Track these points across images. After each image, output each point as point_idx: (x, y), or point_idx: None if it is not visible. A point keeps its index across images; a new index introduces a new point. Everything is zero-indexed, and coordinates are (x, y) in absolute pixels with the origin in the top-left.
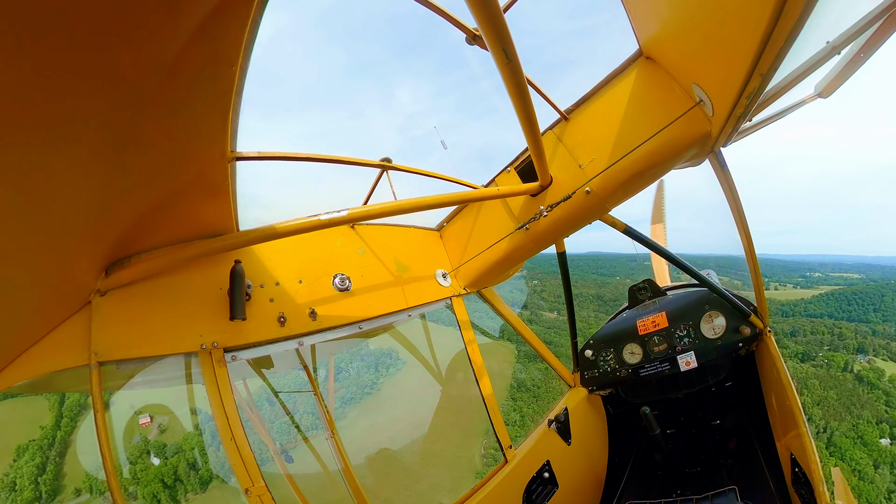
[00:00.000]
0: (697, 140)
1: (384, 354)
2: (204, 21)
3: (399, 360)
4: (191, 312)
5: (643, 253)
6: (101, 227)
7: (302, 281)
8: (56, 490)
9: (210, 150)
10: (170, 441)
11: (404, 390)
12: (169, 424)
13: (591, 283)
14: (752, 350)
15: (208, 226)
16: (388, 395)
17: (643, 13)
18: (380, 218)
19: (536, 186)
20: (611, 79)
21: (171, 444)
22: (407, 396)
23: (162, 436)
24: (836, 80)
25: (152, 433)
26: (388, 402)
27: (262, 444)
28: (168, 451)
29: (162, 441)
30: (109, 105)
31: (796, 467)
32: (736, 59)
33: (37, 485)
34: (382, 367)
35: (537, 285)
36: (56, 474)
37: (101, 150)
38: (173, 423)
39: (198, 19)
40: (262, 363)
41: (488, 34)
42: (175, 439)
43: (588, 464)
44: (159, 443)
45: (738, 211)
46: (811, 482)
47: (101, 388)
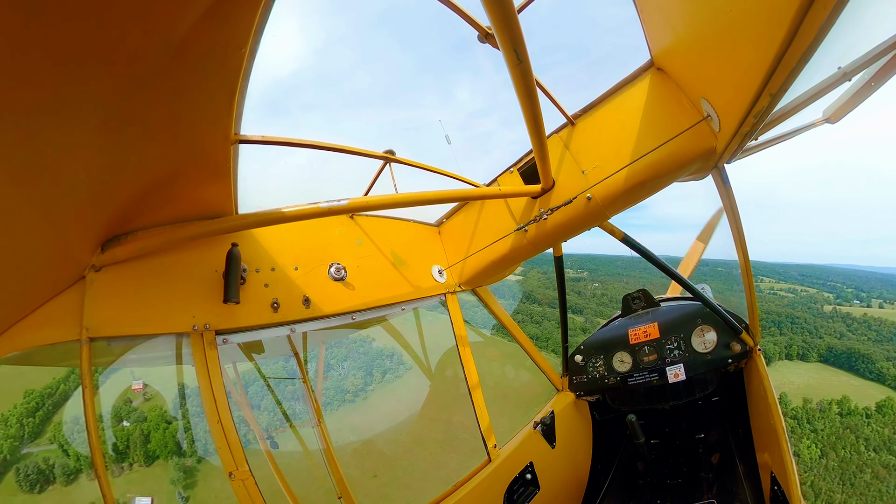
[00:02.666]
0: (702, 154)
1: (377, 347)
2: (215, 2)
3: (390, 353)
4: (185, 293)
5: (713, 259)
6: (99, 202)
7: (298, 268)
8: (38, 433)
9: (214, 131)
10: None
11: (393, 384)
12: (154, 395)
13: (651, 288)
14: (740, 367)
15: (207, 207)
16: (376, 389)
17: (657, 24)
18: (380, 210)
19: (538, 189)
20: (620, 87)
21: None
22: (395, 390)
23: (144, 404)
24: (844, 105)
25: (138, 400)
26: (376, 395)
27: (248, 428)
28: (135, 417)
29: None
30: (115, 81)
31: (775, 485)
32: (747, 77)
33: (22, 426)
34: (375, 360)
35: (597, 288)
36: (44, 419)
37: (104, 125)
38: (157, 398)
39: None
40: (252, 348)
41: (501, 34)
42: (152, 413)
43: (571, 468)
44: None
45: (737, 227)
46: (789, 501)
47: (91, 364)
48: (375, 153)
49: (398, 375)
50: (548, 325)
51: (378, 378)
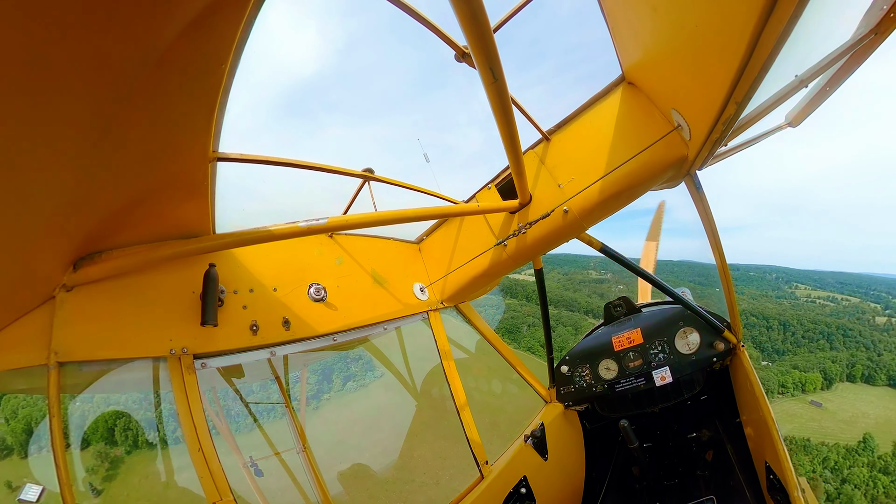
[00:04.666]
0: (674, 163)
1: (360, 367)
2: (198, 15)
3: (373, 374)
4: (161, 315)
5: (735, 263)
6: (71, 218)
7: (277, 289)
8: None
9: (192, 148)
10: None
11: (379, 405)
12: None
13: (692, 292)
14: (726, 364)
15: (184, 226)
16: (363, 410)
17: (628, 41)
18: (359, 228)
19: (516, 204)
20: (593, 102)
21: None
22: (382, 412)
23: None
24: (804, 110)
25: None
26: (363, 417)
27: (231, 455)
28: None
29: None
30: (91, 92)
31: (771, 475)
32: (714, 87)
33: None
34: (357, 380)
35: (622, 290)
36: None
37: (78, 138)
38: (134, 426)
39: (192, 13)
40: (232, 372)
41: (477, 53)
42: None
43: (565, 478)
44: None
45: (712, 231)
46: (786, 488)
47: (59, 390)
48: (354, 171)
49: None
50: (561, 331)
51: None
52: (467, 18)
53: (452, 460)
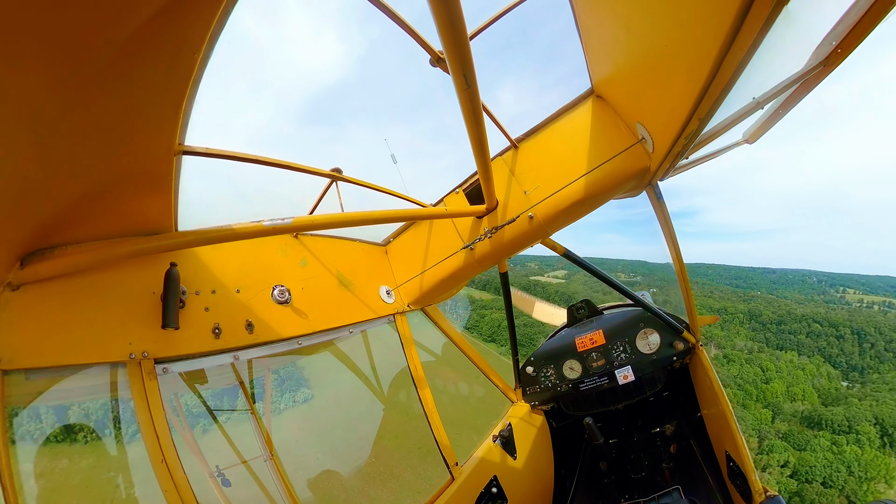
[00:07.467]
0: (637, 173)
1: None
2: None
3: (338, 379)
4: (120, 317)
5: (780, 269)
6: (20, 209)
7: (240, 290)
8: None
9: (157, 139)
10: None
11: (346, 410)
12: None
13: (732, 296)
14: (685, 363)
15: (145, 222)
16: (329, 416)
17: (599, 56)
18: (326, 229)
19: (482, 209)
20: (561, 113)
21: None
22: (348, 417)
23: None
24: (759, 129)
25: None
26: (329, 422)
27: (195, 465)
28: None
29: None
30: (47, 75)
31: (731, 462)
32: (679, 104)
33: None
34: (320, 385)
35: (655, 294)
36: None
37: (31, 123)
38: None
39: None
40: (195, 377)
41: (452, 59)
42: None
43: (535, 476)
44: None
45: (671, 237)
46: (744, 473)
47: (4, 402)
48: (322, 171)
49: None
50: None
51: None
52: (445, 25)
53: (422, 463)
